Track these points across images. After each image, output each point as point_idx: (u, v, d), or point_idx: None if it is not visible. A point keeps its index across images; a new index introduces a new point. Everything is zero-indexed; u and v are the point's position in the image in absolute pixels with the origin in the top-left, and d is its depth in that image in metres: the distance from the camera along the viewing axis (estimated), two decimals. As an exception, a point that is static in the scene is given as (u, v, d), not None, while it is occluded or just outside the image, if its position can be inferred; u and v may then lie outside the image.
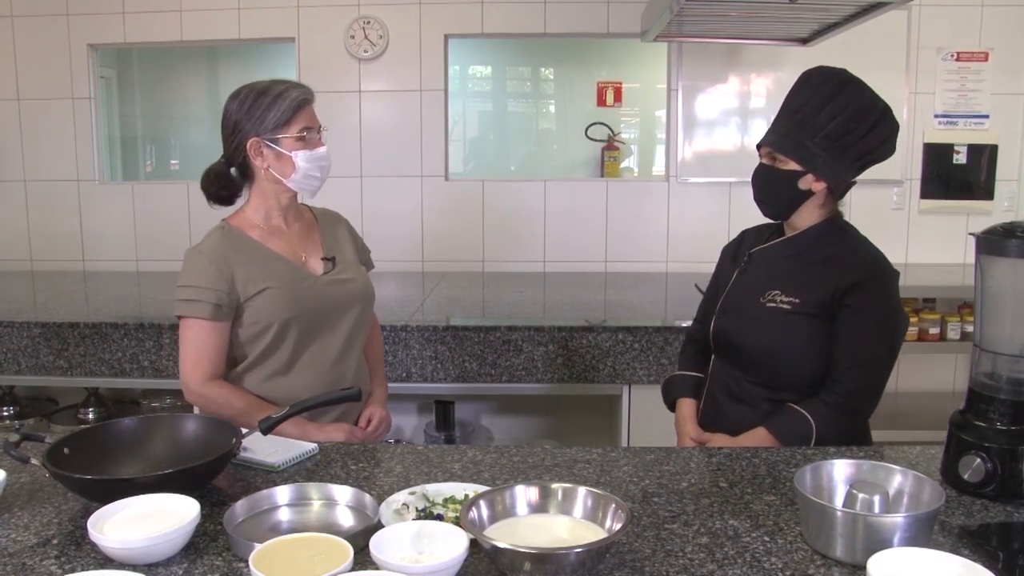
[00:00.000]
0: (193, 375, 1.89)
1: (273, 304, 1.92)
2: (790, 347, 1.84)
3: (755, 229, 2.07)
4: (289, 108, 1.90)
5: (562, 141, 5.95)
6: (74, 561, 1.24)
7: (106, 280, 3.99)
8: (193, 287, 1.88)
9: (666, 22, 2.94)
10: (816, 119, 1.79)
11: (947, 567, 1.12)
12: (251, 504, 1.40)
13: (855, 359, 1.79)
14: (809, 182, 1.83)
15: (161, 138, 5.91)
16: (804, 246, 1.89)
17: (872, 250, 1.88)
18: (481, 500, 1.29)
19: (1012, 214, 4.02)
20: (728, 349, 1.96)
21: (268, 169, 1.94)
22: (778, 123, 1.87)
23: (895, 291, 1.85)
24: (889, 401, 3.98)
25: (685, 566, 1.23)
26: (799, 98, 1.84)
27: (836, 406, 1.78)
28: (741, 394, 1.93)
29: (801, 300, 1.83)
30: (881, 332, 1.81)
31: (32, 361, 2.92)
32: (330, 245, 2.08)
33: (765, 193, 1.90)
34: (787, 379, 1.86)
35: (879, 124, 1.80)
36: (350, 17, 4.04)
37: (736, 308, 1.95)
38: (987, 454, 1.46)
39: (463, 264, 4.18)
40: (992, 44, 3.99)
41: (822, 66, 1.87)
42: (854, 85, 1.82)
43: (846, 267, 1.82)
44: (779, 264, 1.91)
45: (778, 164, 1.85)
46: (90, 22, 4.12)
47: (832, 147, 1.79)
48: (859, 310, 1.79)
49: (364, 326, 2.11)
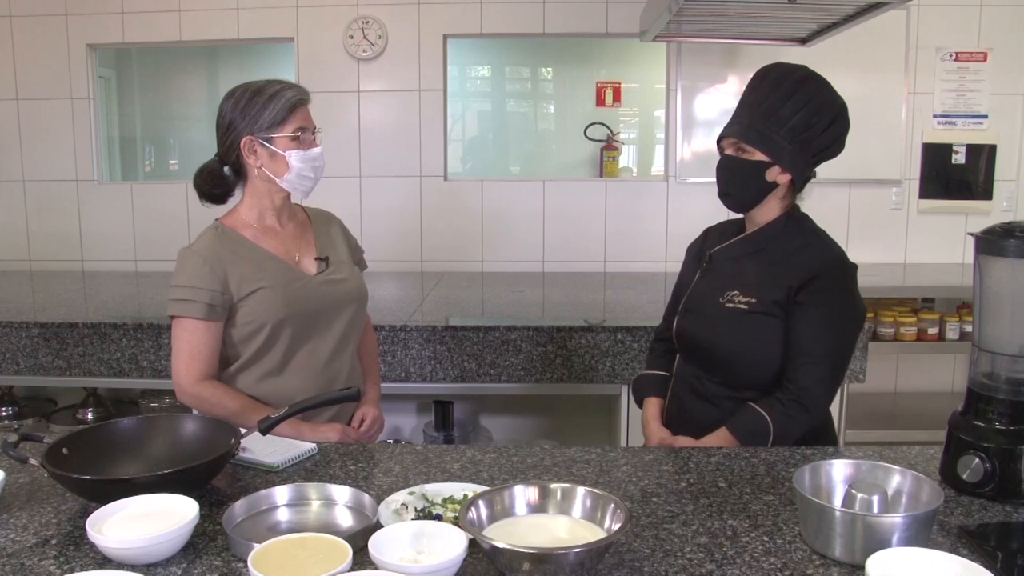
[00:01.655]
0: (186, 375, 1.89)
1: (266, 304, 1.91)
2: (749, 347, 1.86)
3: (718, 226, 2.08)
4: (284, 108, 1.90)
5: (561, 141, 5.94)
6: (73, 561, 1.24)
7: (105, 280, 3.98)
8: (186, 287, 1.88)
9: (665, 22, 2.94)
10: (781, 112, 1.80)
11: (946, 567, 1.12)
12: (250, 504, 1.41)
13: (808, 355, 1.80)
14: (775, 174, 1.84)
15: (160, 138, 5.91)
16: (764, 242, 1.91)
17: (827, 245, 1.89)
18: (480, 500, 1.30)
19: (1011, 214, 4.03)
20: (690, 349, 1.99)
21: (261, 168, 1.93)
22: (741, 115, 1.87)
23: (849, 284, 1.85)
24: (888, 401, 4.02)
25: (684, 566, 1.23)
26: (760, 92, 1.85)
27: (791, 403, 1.80)
28: (704, 392, 1.94)
29: (758, 300, 1.85)
30: (833, 327, 1.81)
31: (31, 361, 2.92)
32: (323, 245, 2.08)
33: (731, 185, 1.90)
34: (748, 378, 1.88)
35: (836, 121, 1.83)
36: (349, 17, 4.04)
37: (697, 308, 1.97)
38: (986, 454, 1.46)
39: (462, 264, 4.18)
40: (991, 44, 3.99)
41: (781, 62, 1.89)
42: (815, 81, 1.83)
43: (800, 264, 1.83)
44: (739, 263, 1.93)
45: (744, 155, 1.85)
46: (89, 22, 4.12)
47: (795, 140, 1.81)
48: (811, 306, 1.80)
49: (357, 326, 2.11)
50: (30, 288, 3.82)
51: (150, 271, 4.16)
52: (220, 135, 1.96)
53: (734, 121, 1.88)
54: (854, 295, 1.86)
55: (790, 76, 1.83)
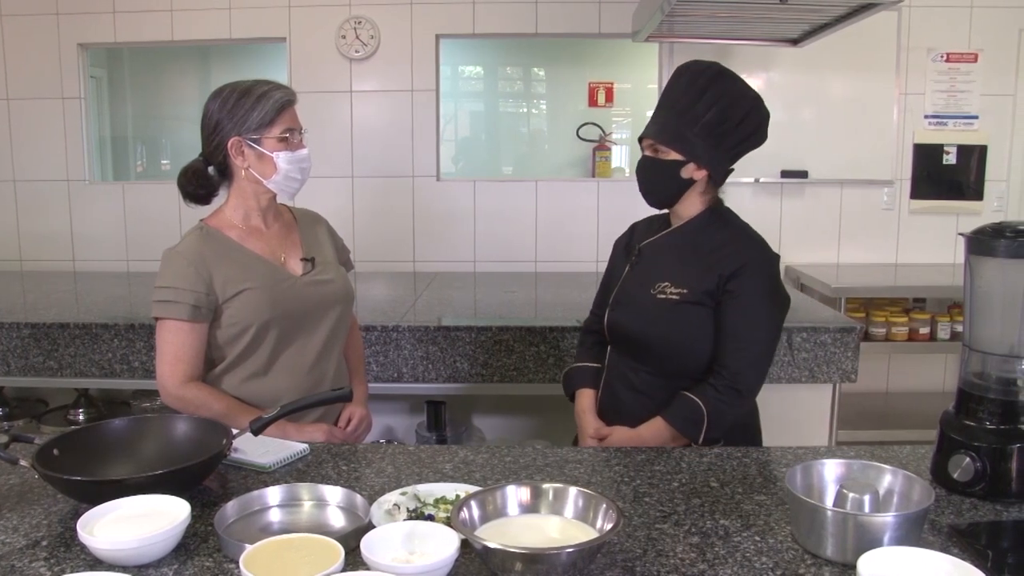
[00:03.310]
0: (171, 377, 1.88)
1: (252, 305, 1.91)
2: (681, 336, 1.91)
3: (645, 221, 2.13)
4: (272, 109, 1.90)
5: (553, 141, 5.95)
6: (64, 563, 1.24)
7: (96, 280, 3.97)
8: (171, 288, 1.87)
9: (657, 22, 2.95)
10: (694, 110, 1.85)
11: (937, 566, 1.12)
12: (242, 505, 1.40)
13: (737, 340, 1.86)
14: (691, 171, 1.89)
15: (152, 138, 5.88)
16: (690, 235, 1.96)
17: (752, 237, 1.96)
18: (472, 500, 1.30)
19: (1001, 214, 4.04)
20: (622, 340, 2.02)
21: (248, 169, 1.93)
22: (658, 115, 1.93)
23: (774, 272, 1.93)
24: (879, 401, 4.03)
25: (676, 566, 1.23)
26: (676, 90, 1.90)
27: (723, 388, 1.85)
28: (638, 383, 1.98)
29: (689, 290, 1.89)
30: (760, 313, 1.88)
31: (22, 362, 2.90)
32: (309, 245, 2.08)
33: (649, 184, 1.96)
34: (680, 367, 1.92)
35: (751, 113, 1.88)
36: (341, 17, 4.03)
37: (628, 300, 2.01)
38: (976, 453, 1.46)
39: (454, 264, 4.17)
40: (982, 45, 4.01)
41: (696, 60, 1.94)
42: (727, 77, 1.88)
43: (728, 255, 1.89)
44: (667, 256, 1.98)
45: (660, 155, 1.90)
46: (80, 21, 4.10)
47: (709, 136, 1.86)
48: (739, 295, 1.86)
49: (344, 327, 2.11)
50: (21, 288, 3.80)
51: (142, 271, 4.14)
52: (206, 135, 1.94)
53: (651, 121, 1.93)
54: (779, 284, 1.94)
55: (703, 74, 1.88)
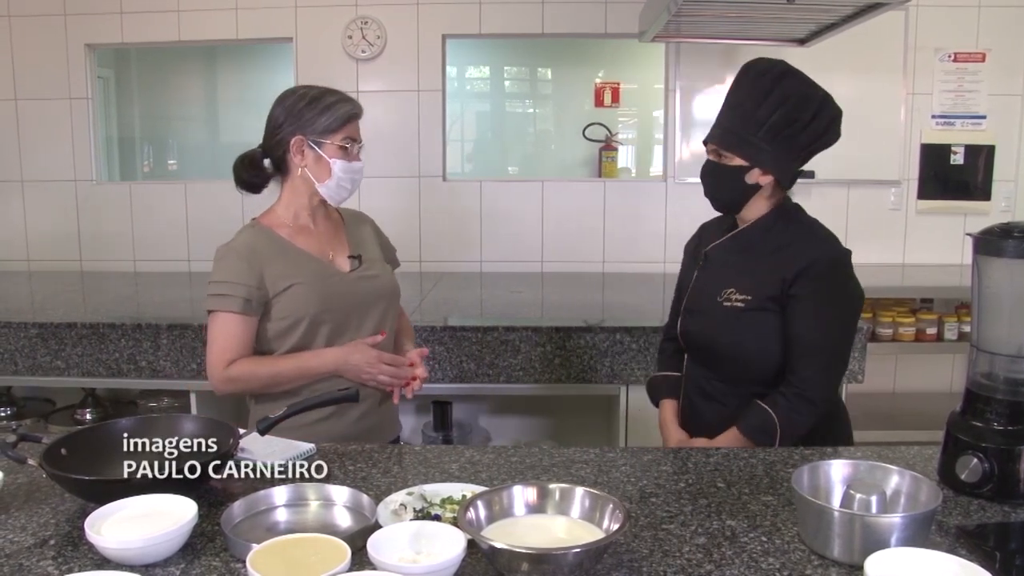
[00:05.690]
0: (218, 365, 1.91)
1: (301, 300, 1.94)
2: (750, 344, 1.86)
3: (714, 221, 2.08)
4: (340, 117, 1.97)
5: (560, 141, 5.94)
6: (71, 562, 1.24)
7: (103, 280, 3.98)
8: (224, 282, 1.91)
9: (664, 22, 2.95)
10: (758, 113, 1.80)
11: (944, 567, 1.12)
12: (249, 504, 1.40)
13: (805, 347, 1.81)
14: (756, 176, 1.84)
15: (159, 138, 5.89)
16: (754, 239, 1.91)
17: (816, 234, 1.89)
18: (479, 500, 1.30)
19: (1009, 214, 4.03)
20: (695, 348, 2.00)
21: (304, 169, 1.98)
22: (722, 118, 1.88)
23: (841, 271, 1.84)
24: (887, 401, 4.02)
25: (683, 566, 1.23)
26: (740, 93, 1.85)
27: (794, 396, 1.80)
28: (712, 392, 1.95)
29: (753, 296, 1.85)
30: (828, 316, 1.82)
31: (29, 361, 2.91)
32: (356, 243, 2.11)
33: (713, 189, 1.92)
34: (752, 374, 1.88)
35: (821, 111, 1.81)
36: (348, 17, 4.03)
37: (698, 308, 1.98)
38: (984, 454, 1.46)
39: (461, 264, 4.17)
40: (989, 45, 3.99)
41: (761, 58, 1.88)
42: (792, 76, 1.82)
43: (790, 257, 1.83)
44: (732, 260, 1.93)
45: (724, 160, 1.86)
46: (87, 22, 4.11)
47: (776, 139, 1.80)
48: (805, 298, 1.80)
49: (390, 321, 2.13)
50: (28, 288, 3.82)
51: (149, 271, 4.15)
52: (270, 129, 1.99)
53: (715, 125, 1.89)
54: (847, 282, 1.85)
55: (767, 73, 1.82)
